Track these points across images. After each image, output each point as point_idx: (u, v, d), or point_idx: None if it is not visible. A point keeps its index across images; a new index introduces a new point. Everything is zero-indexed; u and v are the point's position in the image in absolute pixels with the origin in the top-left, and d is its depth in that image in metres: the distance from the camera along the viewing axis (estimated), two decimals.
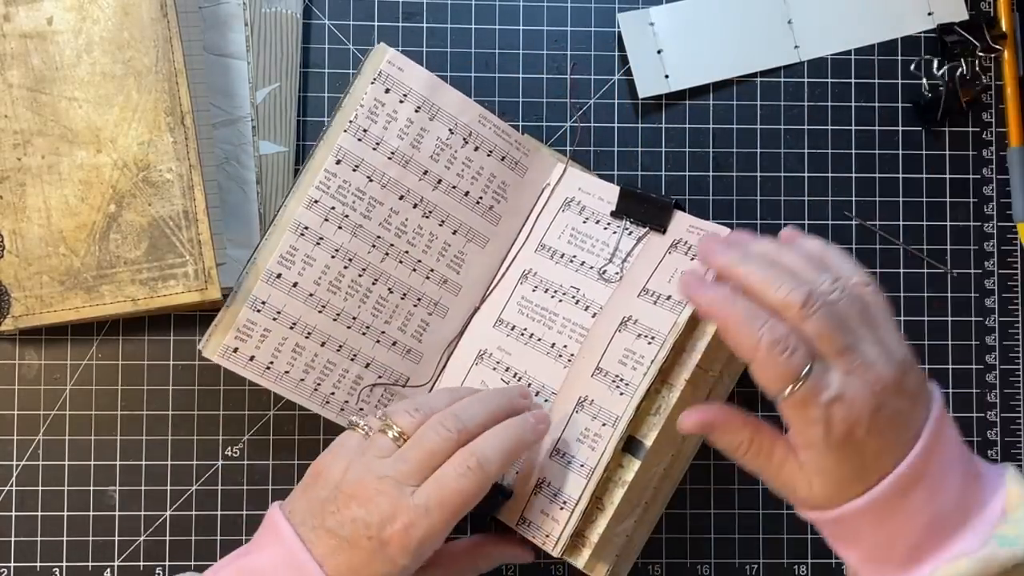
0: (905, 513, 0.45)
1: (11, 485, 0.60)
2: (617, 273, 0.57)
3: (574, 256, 0.59)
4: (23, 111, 0.55)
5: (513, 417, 0.52)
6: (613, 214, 0.59)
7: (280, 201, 0.60)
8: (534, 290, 0.59)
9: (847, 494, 0.46)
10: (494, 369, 0.58)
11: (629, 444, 0.54)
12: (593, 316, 0.57)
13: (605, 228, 0.59)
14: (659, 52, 0.63)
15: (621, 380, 0.55)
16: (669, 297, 0.55)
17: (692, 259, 0.56)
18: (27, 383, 0.60)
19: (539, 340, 0.58)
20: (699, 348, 0.54)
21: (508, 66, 0.63)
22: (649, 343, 0.55)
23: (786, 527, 0.62)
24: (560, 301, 0.58)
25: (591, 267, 0.58)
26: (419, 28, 0.63)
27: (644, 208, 0.58)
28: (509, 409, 0.52)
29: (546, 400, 0.57)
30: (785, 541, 0.62)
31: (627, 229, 0.58)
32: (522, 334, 0.59)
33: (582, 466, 0.54)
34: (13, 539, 0.60)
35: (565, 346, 0.58)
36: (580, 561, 0.54)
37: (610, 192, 0.59)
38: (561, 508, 0.54)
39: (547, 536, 0.55)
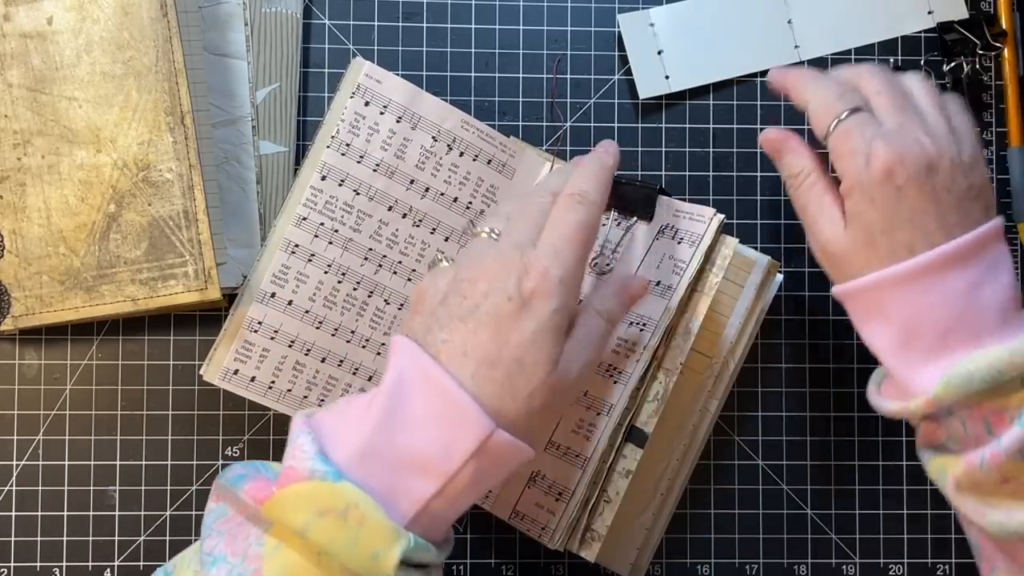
0: (941, 295, 0.46)
1: (11, 485, 0.60)
2: (608, 264, 0.57)
3: None
4: (23, 111, 0.55)
5: (582, 157, 0.53)
6: None
7: (280, 202, 0.60)
8: None
9: (873, 254, 0.47)
10: None
11: (632, 434, 0.54)
12: None
13: None
14: (659, 53, 0.63)
15: (615, 369, 0.55)
16: (659, 283, 0.55)
17: (679, 243, 0.55)
18: (27, 383, 0.60)
19: None
20: (693, 330, 0.54)
21: (508, 66, 0.63)
22: (641, 330, 0.54)
23: (787, 527, 0.62)
24: None
25: None
26: (419, 28, 0.63)
27: (630, 197, 0.57)
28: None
29: None
30: (786, 541, 0.62)
31: (615, 220, 0.58)
32: None
33: (577, 456, 0.54)
34: (13, 539, 0.60)
35: None
36: (591, 554, 0.54)
37: None
38: (557, 500, 0.54)
39: (543, 528, 0.54)
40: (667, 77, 0.63)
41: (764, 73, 0.64)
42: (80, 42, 0.55)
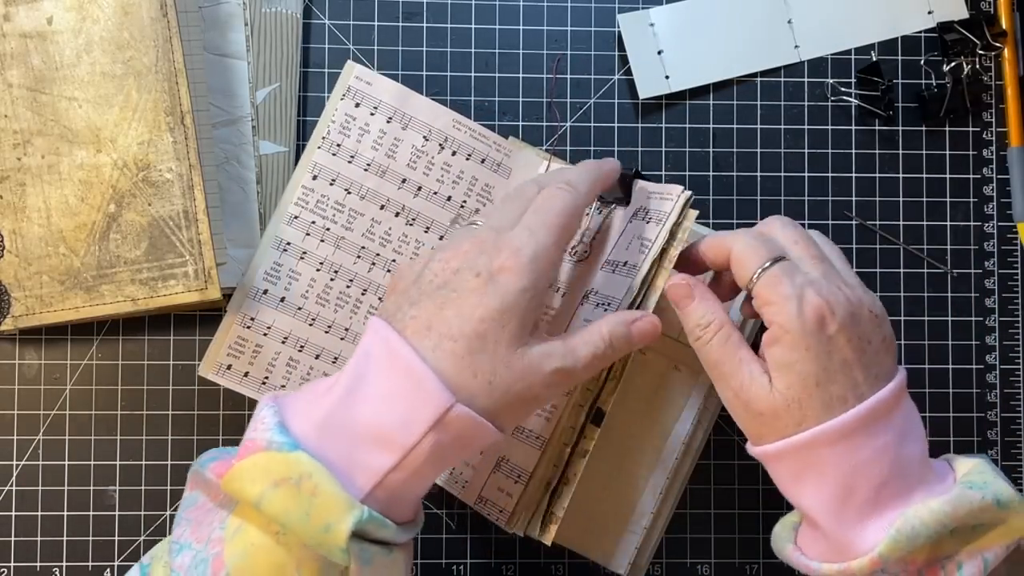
0: (874, 449, 0.45)
1: (11, 485, 0.60)
2: (586, 252, 0.57)
3: None
4: (23, 111, 0.55)
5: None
6: None
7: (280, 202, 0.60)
8: None
9: (808, 408, 0.45)
10: None
11: (597, 416, 0.53)
12: (563, 296, 0.56)
13: None
14: (659, 53, 0.63)
15: None
16: (626, 263, 0.53)
17: (647, 223, 0.53)
18: (27, 383, 0.60)
19: None
20: (650, 305, 0.51)
21: (508, 66, 0.63)
22: (605, 309, 0.52)
23: None
24: None
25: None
26: (419, 28, 0.63)
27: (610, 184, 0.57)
28: None
29: None
30: None
31: (597, 208, 0.57)
32: None
33: (537, 438, 0.54)
34: (13, 539, 0.60)
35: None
36: (548, 537, 0.52)
37: None
38: (515, 482, 0.54)
39: (500, 511, 0.54)
40: (667, 77, 0.63)
41: (764, 73, 0.64)
42: (80, 42, 0.55)
